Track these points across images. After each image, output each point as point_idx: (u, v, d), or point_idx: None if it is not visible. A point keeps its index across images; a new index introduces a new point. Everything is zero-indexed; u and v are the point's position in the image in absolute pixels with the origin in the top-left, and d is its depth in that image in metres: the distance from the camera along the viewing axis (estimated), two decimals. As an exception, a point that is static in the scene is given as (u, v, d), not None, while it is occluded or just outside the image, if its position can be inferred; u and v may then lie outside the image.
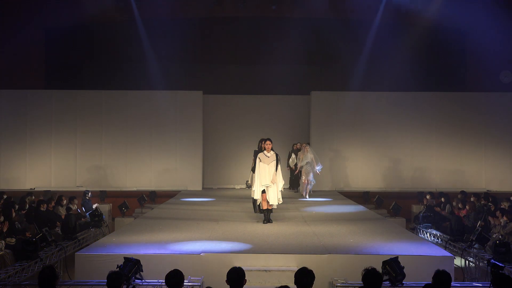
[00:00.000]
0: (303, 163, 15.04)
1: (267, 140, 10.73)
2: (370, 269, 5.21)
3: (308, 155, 15.03)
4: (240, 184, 17.79)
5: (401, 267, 6.73)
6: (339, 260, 7.72)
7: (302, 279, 5.07)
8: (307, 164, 14.99)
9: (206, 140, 18.36)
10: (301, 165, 15.13)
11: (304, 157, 15.06)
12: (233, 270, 5.14)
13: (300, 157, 15.28)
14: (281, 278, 7.43)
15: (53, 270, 5.35)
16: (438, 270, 5.40)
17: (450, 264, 7.63)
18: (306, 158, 15.02)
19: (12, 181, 17.31)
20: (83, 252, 8.07)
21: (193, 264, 7.63)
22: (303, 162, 15.04)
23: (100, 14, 17.12)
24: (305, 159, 15.04)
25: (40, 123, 17.62)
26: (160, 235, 9.25)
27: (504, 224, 10.36)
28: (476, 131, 17.69)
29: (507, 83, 18.14)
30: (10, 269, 7.99)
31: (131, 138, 17.75)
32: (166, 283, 5.22)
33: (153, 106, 17.85)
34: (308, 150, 15.12)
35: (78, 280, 7.43)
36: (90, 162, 17.68)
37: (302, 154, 15.26)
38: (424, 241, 9.38)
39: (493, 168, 17.59)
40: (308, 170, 15.00)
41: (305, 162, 15.01)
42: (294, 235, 9.30)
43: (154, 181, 17.66)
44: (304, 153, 15.15)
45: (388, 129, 17.69)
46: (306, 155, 15.07)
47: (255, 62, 18.05)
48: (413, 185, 17.50)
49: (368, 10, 17.44)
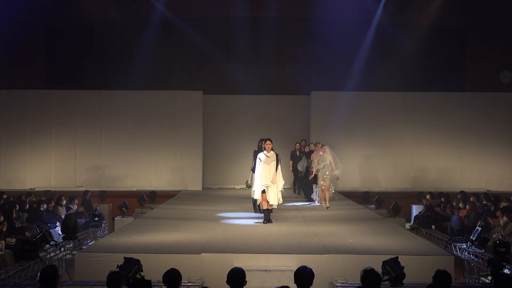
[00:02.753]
0: (320, 166, 13.07)
1: (267, 140, 10.72)
2: (369, 269, 5.21)
3: (326, 157, 13.04)
4: (240, 184, 17.78)
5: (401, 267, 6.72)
6: (339, 260, 7.71)
7: (302, 278, 5.08)
8: (324, 168, 13.03)
9: (206, 140, 18.36)
10: (318, 169, 13.13)
11: (321, 159, 13.06)
12: (234, 270, 5.14)
13: (316, 160, 13.27)
14: (281, 278, 7.42)
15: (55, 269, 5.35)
16: (438, 270, 5.39)
17: (450, 264, 7.62)
18: (324, 160, 13.03)
19: (12, 181, 17.31)
20: (83, 252, 8.07)
21: (193, 264, 7.62)
22: (320, 165, 13.08)
23: (100, 14, 17.13)
24: (322, 162, 13.06)
25: (40, 123, 17.63)
26: (160, 235, 9.24)
27: (504, 224, 10.36)
28: (476, 131, 17.69)
29: (507, 83, 18.15)
30: (10, 269, 7.99)
31: (131, 138, 17.75)
32: (163, 282, 5.22)
33: (153, 106, 17.85)
34: (326, 151, 13.10)
35: (78, 280, 7.43)
36: (90, 162, 17.68)
37: (318, 156, 13.23)
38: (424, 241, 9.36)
39: (493, 168, 17.58)
40: (325, 175, 12.98)
41: (322, 166, 13.04)
42: (294, 235, 9.29)
43: (154, 181, 17.66)
44: (321, 155, 13.13)
45: (388, 129, 17.70)
46: (324, 156, 13.06)
47: (255, 62, 18.05)
48: (413, 185, 17.50)
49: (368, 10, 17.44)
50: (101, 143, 17.75)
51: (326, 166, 12.96)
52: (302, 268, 5.17)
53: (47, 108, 17.70)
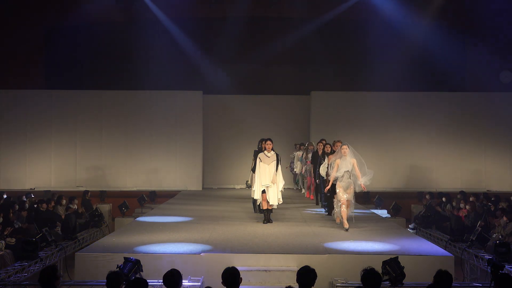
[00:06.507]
0: (340, 173, 9.70)
1: (267, 140, 10.70)
2: (369, 269, 5.21)
3: (347, 160, 9.65)
4: (240, 184, 17.79)
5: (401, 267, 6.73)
6: (339, 260, 7.72)
7: (304, 278, 5.08)
8: (345, 174, 9.70)
9: (206, 140, 18.36)
10: (336, 176, 9.78)
11: (342, 163, 9.70)
12: (226, 270, 5.09)
13: (335, 164, 9.82)
14: (281, 278, 7.43)
15: (55, 270, 5.35)
16: (439, 270, 5.39)
17: (450, 264, 7.62)
18: (345, 165, 9.67)
19: (12, 181, 17.30)
20: (83, 252, 8.07)
21: (193, 264, 7.62)
22: (340, 171, 9.70)
23: (100, 14, 17.13)
24: (343, 167, 9.68)
25: (40, 123, 17.62)
26: (160, 235, 9.24)
27: (504, 225, 10.36)
28: (476, 131, 17.68)
29: (507, 83, 18.15)
30: (10, 269, 7.99)
31: (131, 138, 17.74)
32: (163, 283, 5.21)
33: (153, 106, 17.84)
34: (347, 153, 9.69)
35: (78, 280, 7.43)
36: (90, 162, 17.67)
37: (339, 158, 9.77)
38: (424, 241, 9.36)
39: (493, 168, 17.58)
40: (347, 184, 9.69)
41: (342, 172, 9.68)
42: (294, 235, 9.29)
43: (154, 181, 17.65)
44: (342, 157, 9.71)
45: (388, 129, 17.69)
46: (345, 160, 9.67)
47: (255, 62, 18.04)
48: (413, 185, 17.49)
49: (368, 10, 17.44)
50: (101, 143, 17.74)
51: (348, 173, 9.70)
52: (305, 268, 5.17)
53: (47, 108, 17.69)
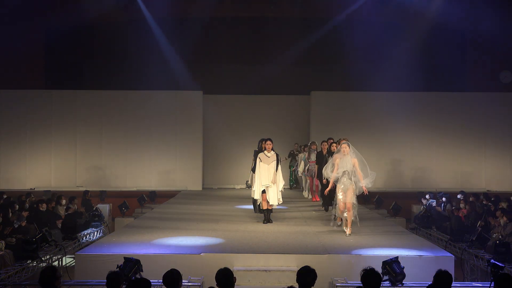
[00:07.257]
0: (339, 173, 9.25)
1: (267, 140, 10.70)
2: (369, 269, 5.21)
3: (347, 160, 9.15)
4: (240, 184, 17.79)
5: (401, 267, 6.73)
6: (339, 260, 7.72)
7: (304, 278, 5.08)
8: (344, 175, 9.21)
9: (206, 140, 18.36)
10: (335, 177, 9.32)
11: (342, 163, 9.19)
12: (219, 272, 5.05)
13: (335, 163, 9.34)
14: (281, 278, 7.43)
15: (55, 270, 5.35)
16: (439, 270, 5.38)
17: (450, 264, 7.62)
18: (344, 164, 9.18)
19: (12, 181, 17.31)
20: (83, 252, 8.07)
21: (193, 264, 7.62)
22: (339, 171, 9.25)
23: (100, 14, 17.12)
24: (342, 167, 9.20)
25: (40, 123, 17.63)
26: (160, 235, 9.25)
27: (504, 225, 10.36)
28: (476, 131, 17.68)
29: (507, 83, 18.15)
30: (10, 269, 7.99)
31: (131, 138, 17.74)
32: (163, 283, 5.21)
33: (153, 106, 17.84)
34: (347, 152, 9.18)
35: (78, 280, 7.43)
36: (90, 162, 17.67)
37: (338, 158, 9.30)
38: (424, 241, 9.36)
39: (493, 168, 17.59)
40: (347, 186, 9.18)
41: (341, 172, 9.22)
42: (294, 235, 9.29)
43: (154, 181, 17.65)
44: (342, 156, 9.23)
45: (388, 129, 17.68)
46: (344, 159, 9.17)
47: (255, 62, 18.04)
48: (413, 185, 17.50)
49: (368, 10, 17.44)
50: (101, 143, 17.74)
51: (347, 173, 9.18)
52: (305, 268, 5.17)
53: (47, 108, 17.69)
